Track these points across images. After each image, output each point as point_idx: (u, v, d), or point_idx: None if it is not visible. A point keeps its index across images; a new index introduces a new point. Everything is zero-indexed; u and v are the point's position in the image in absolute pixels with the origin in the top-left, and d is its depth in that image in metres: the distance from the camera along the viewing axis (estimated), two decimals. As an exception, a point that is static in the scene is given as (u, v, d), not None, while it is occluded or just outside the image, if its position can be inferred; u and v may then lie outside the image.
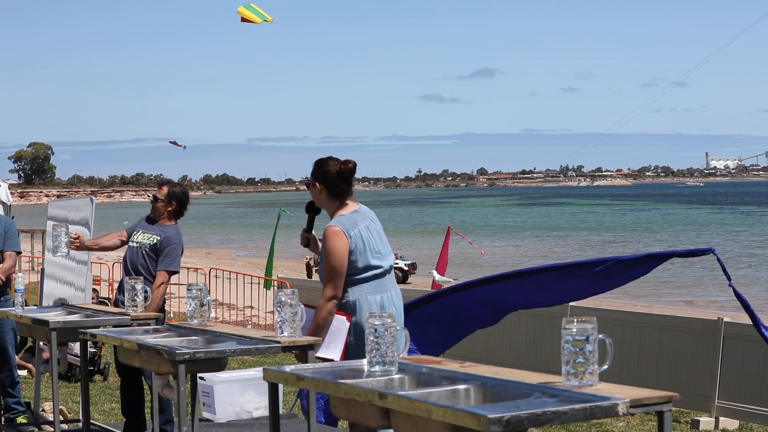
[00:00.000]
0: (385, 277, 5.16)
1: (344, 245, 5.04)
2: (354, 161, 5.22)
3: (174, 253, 6.86)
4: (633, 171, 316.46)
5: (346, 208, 5.20)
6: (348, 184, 5.21)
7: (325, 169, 5.21)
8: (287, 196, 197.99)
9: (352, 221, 5.11)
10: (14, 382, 7.58)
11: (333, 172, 5.18)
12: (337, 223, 5.10)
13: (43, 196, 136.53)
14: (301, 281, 17.01)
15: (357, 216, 5.16)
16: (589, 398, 2.93)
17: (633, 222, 64.91)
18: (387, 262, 5.18)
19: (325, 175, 5.19)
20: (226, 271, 18.49)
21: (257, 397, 8.05)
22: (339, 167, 5.18)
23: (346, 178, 5.18)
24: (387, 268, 5.18)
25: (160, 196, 7.02)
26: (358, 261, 5.07)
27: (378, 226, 5.24)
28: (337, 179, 5.17)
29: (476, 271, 28.48)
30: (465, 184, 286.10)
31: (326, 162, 5.23)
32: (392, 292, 5.18)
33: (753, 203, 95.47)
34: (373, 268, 5.10)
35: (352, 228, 5.08)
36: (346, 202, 5.22)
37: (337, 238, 5.05)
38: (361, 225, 5.13)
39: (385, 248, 5.21)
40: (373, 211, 5.36)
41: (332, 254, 5.04)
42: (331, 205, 5.22)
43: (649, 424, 8.05)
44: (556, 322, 9.42)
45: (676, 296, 24.76)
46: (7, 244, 7.52)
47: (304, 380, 3.56)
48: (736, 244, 42.35)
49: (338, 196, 5.20)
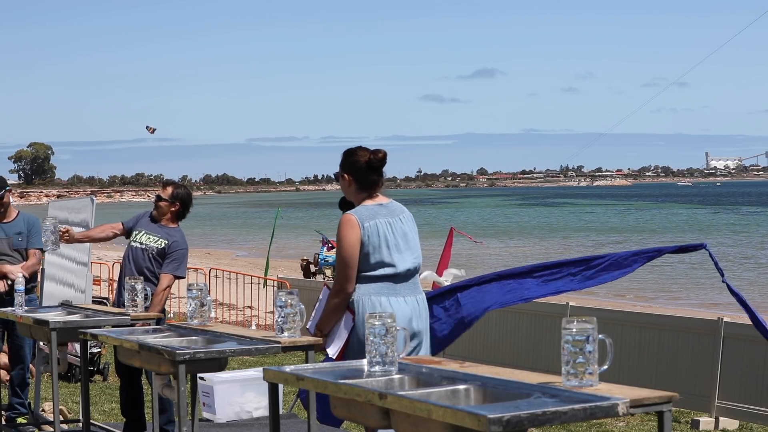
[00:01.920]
0: (398, 280, 4.91)
1: (355, 235, 4.84)
2: (384, 150, 5.01)
3: (182, 258, 6.85)
4: (633, 171, 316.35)
5: (373, 200, 5.00)
6: (378, 174, 5.01)
7: (353, 159, 5.00)
8: (287, 196, 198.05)
9: (371, 212, 4.92)
10: (24, 383, 7.62)
11: (362, 162, 4.97)
12: (354, 212, 4.92)
13: (43, 196, 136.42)
14: (301, 281, 17.02)
15: (380, 209, 4.96)
16: (589, 398, 2.93)
17: (635, 222, 64.88)
18: (404, 264, 4.92)
19: (354, 166, 4.99)
20: (226, 271, 18.48)
21: (257, 397, 8.05)
22: (368, 157, 4.97)
23: (375, 168, 4.99)
24: (401, 271, 4.92)
25: (164, 196, 6.98)
26: (371, 256, 4.86)
27: (406, 226, 5.00)
28: (366, 169, 4.97)
29: (476, 273, 28.46)
30: (465, 184, 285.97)
31: (355, 152, 5.02)
32: (407, 297, 4.91)
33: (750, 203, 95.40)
34: (386, 267, 4.87)
35: (369, 219, 4.88)
36: (376, 194, 5.02)
37: (348, 226, 4.87)
38: (381, 219, 4.92)
39: (408, 250, 4.95)
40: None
41: (341, 243, 4.88)
42: (359, 197, 5.01)
43: (649, 424, 8.05)
44: (556, 322, 9.43)
45: (676, 297, 24.76)
46: (31, 241, 7.59)
47: (304, 380, 3.56)
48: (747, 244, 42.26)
49: (367, 188, 5.00)
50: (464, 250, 33.67)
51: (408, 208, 5.22)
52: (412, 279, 5.02)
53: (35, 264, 7.63)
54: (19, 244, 7.56)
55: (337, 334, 4.93)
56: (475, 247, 39.00)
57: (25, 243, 7.57)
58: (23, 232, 7.57)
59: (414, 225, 5.10)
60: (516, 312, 10.29)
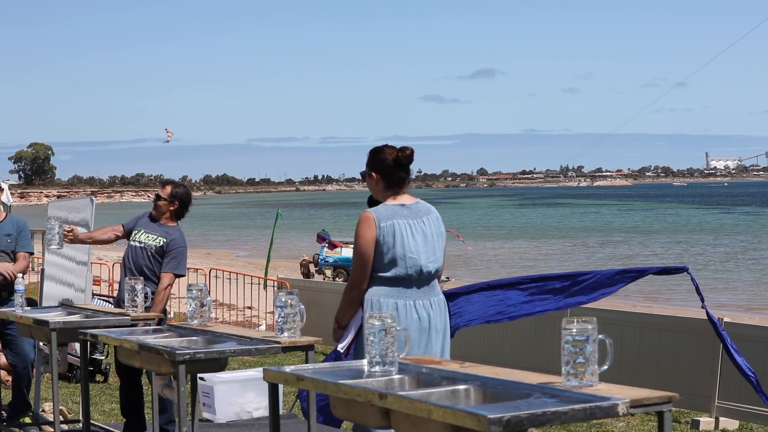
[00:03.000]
0: (410, 283, 4.87)
1: (371, 234, 4.84)
2: (411, 147, 4.99)
3: (181, 256, 6.85)
4: (633, 171, 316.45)
5: (397, 199, 4.98)
6: (405, 171, 4.98)
7: (381, 157, 4.97)
8: (287, 196, 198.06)
9: (390, 212, 4.90)
10: (29, 381, 7.63)
11: (390, 160, 4.95)
12: (373, 210, 4.91)
13: (43, 196, 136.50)
14: (301, 281, 17.02)
15: (401, 210, 4.93)
16: (589, 398, 2.93)
17: (638, 223, 64.85)
18: (418, 267, 4.86)
19: (381, 164, 4.96)
20: (226, 271, 18.48)
21: (257, 398, 8.05)
22: (396, 154, 4.95)
23: (403, 165, 4.97)
24: (413, 273, 4.86)
25: (164, 195, 6.98)
26: (384, 256, 4.84)
27: (429, 229, 4.95)
28: (394, 167, 4.95)
29: (468, 272, 28.52)
30: (465, 184, 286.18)
31: (382, 150, 5.00)
32: (417, 301, 4.87)
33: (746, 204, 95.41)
34: (398, 267, 4.84)
35: (387, 219, 4.86)
36: (401, 193, 5.00)
37: (366, 225, 4.86)
38: (401, 219, 4.88)
39: (426, 253, 4.89)
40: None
41: (357, 240, 4.88)
42: (385, 195, 4.98)
43: (649, 424, 8.05)
44: (556, 322, 9.41)
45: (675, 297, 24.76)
46: (20, 244, 7.59)
47: (304, 380, 3.56)
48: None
49: (395, 186, 4.97)
50: (467, 253, 33.67)
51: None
52: (429, 282, 4.97)
53: (25, 267, 7.61)
54: (7, 246, 7.52)
55: (348, 330, 4.97)
56: (478, 250, 39.07)
57: (13, 245, 7.54)
58: (12, 234, 7.54)
59: (440, 227, 5.03)
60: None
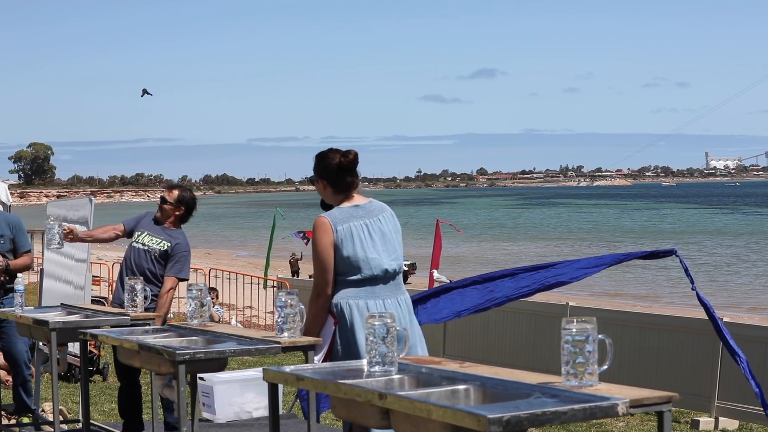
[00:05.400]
0: (376, 282, 4.84)
1: (328, 239, 4.80)
2: (355, 151, 4.95)
3: (185, 260, 6.85)
4: (633, 171, 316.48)
5: (350, 201, 4.96)
6: (352, 175, 4.96)
7: (326, 162, 4.96)
8: (287, 196, 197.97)
9: (345, 215, 4.88)
10: (24, 381, 7.60)
11: (334, 165, 4.92)
12: (327, 214, 4.88)
13: (43, 196, 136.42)
14: (301, 281, 17.02)
15: (356, 211, 4.90)
16: (589, 398, 2.93)
17: (639, 223, 64.82)
18: (381, 266, 4.83)
19: (326, 169, 4.95)
20: (226, 271, 18.49)
21: (257, 398, 8.05)
22: (339, 159, 4.92)
23: (348, 169, 4.94)
24: (379, 273, 4.84)
25: (170, 199, 6.96)
26: (345, 260, 4.80)
27: (386, 227, 4.93)
28: (339, 172, 4.93)
29: (468, 273, 28.46)
30: (465, 184, 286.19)
31: (326, 155, 4.98)
32: (387, 300, 4.83)
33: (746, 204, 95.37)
34: (362, 270, 4.80)
35: (343, 222, 4.84)
36: (353, 195, 4.98)
37: (322, 230, 4.83)
38: (356, 221, 4.85)
39: (386, 252, 4.87)
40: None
41: (315, 247, 4.85)
42: (336, 200, 4.96)
43: (649, 424, 8.05)
44: (556, 322, 9.43)
45: (675, 297, 24.77)
46: (21, 245, 7.50)
47: (304, 380, 3.56)
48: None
49: (344, 190, 4.96)
50: (469, 251, 33.70)
51: (408, 208, 5.25)
52: (394, 280, 4.94)
53: (26, 262, 7.53)
54: (1, 247, 7.39)
55: (325, 341, 4.84)
56: (481, 248, 39.07)
57: (7, 245, 7.41)
58: (5, 235, 7.41)
59: (395, 224, 5.01)
60: (516, 312, 10.30)
